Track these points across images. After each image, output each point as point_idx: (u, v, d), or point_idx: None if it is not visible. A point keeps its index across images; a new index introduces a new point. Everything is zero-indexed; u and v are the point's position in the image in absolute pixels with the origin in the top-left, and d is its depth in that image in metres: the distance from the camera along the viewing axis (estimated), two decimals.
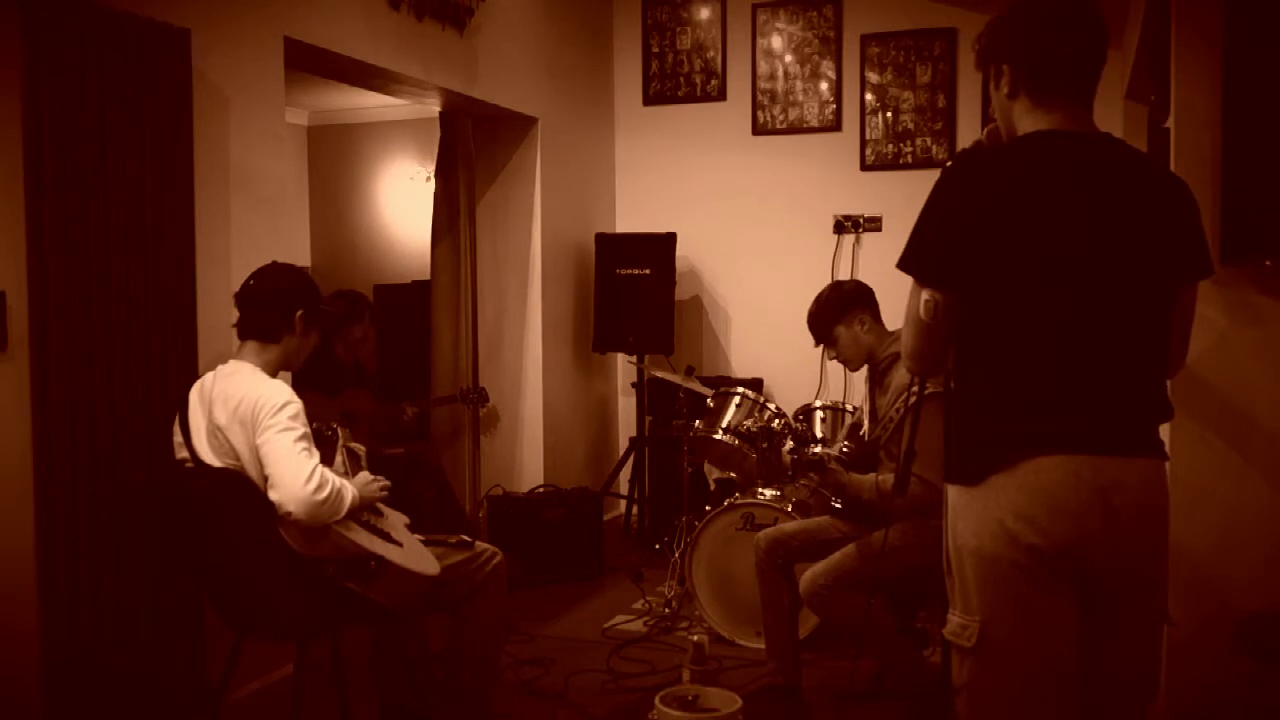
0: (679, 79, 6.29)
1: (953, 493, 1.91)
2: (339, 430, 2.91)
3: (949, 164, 1.97)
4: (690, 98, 6.27)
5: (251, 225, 3.55)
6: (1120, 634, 1.87)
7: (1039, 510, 1.79)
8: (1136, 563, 1.85)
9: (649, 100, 6.36)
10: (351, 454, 2.91)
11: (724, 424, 4.32)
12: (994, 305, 1.85)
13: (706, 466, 5.36)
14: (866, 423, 3.64)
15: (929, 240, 1.89)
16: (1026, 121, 1.93)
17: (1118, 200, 1.85)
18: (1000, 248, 1.83)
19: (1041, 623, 1.82)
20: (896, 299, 2.04)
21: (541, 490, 5.34)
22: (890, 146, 5.88)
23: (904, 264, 1.92)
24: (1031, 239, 1.82)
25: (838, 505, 3.56)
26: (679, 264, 5.87)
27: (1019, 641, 1.83)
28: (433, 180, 5.91)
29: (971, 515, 1.86)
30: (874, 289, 3.59)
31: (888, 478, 3.23)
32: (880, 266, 5.66)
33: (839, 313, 3.49)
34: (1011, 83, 1.94)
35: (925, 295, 1.88)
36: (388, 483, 2.87)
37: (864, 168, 5.93)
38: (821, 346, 3.60)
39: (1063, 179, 1.85)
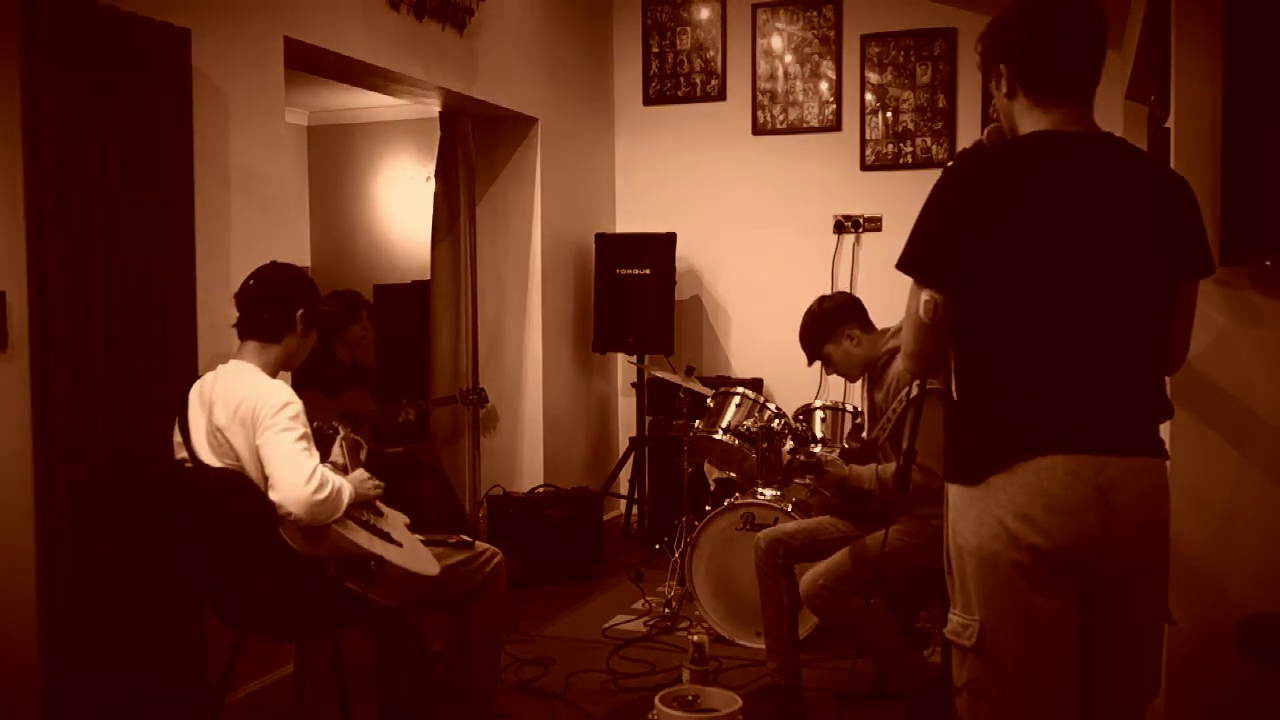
0: (679, 79, 6.29)
1: (953, 492, 1.91)
2: (340, 428, 2.91)
3: (950, 164, 1.98)
4: (690, 98, 6.27)
5: (251, 225, 3.55)
6: (1121, 633, 1.87)
7: (1038, 510, 1.79)
8: (1137, 562, 1.85)
9: (649, 100, 6.36)
10: (352, 446, 2.90)
11: (724, 424, 4.32)
12: (993, 305, 1.85)
13: (706, 466, 5.36)
14: (866, 422, 3.63)
15: (929, 241, 1.88)
16: (1026, 121, 1.93)
17: (1117, 199, 1.85)
18: (999, 247, 1.82)
19: (1041, 622, 1.82)
20: (898, 299, 2.03)
21: (541, 490, 5.34)
22: (890, 146, 5.88)
23: (903, 265, 1.91)
24: (1030, 238, 1.82)
25: (826, 492, 3.54)
26: (679, 264, 5.87)
27: (1018, 641, 1.83)
28: (433, 180, 5.91)
29: (972, 515, 1.86)
30: (874, 289, 3.58)
31: (888, 466, 3.23)
32: (880, 266, 5.65)
33: (827, 333, 3.45)
34: (1009, 83, 1.94)
35: (925, 296, 1.88)
36: (381, 483, 2.87)
37: (864, 168, 5.93)
38: (817, 363, 3.58)
39: (1061, 178, 1.85)
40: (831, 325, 3.44)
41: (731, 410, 4.34)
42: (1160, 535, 1.89)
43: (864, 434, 3.78)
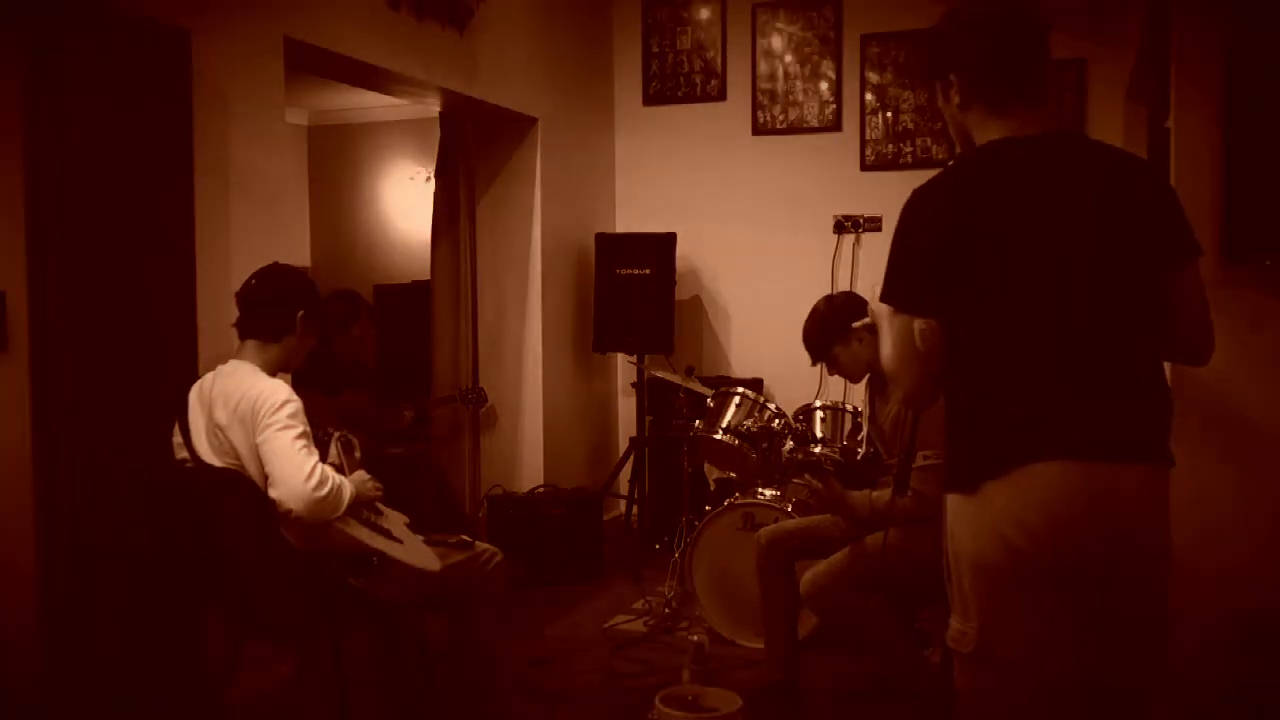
0: (679, 79, 6.28)
1: (951, 501, 1.89)
2: (333, 430, 2.91)
3: (950, 163, 1.96)
4: (690, 98, 6.26)
5: (251, 225, 3.55)
6: (1122, 641, 1.85)
7: (1034, 516, 1.77)
8: (1135, 570, 1.83)
9: (649, 100, 6.35)
10: (346, 446, 2.90)
11: (724, 424, 4.32)
12: (980, 316, 1.82)
13: (706, 466, 5.36)
14: (866, 427, 3.62)
15: (912, 269, 1.85)
16: (983, 130, 1.90)
17: (1088, 196, 1.82)
18: (979, 258, 1.80)
19: (1038, 630, 1.80)
20: None
21: (541, 490, 5.34)
22: (890, 146, 5.88)
23: (890, 298, 1.88)
24: (1008, 247, 1.80)
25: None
26: (679, 264, 5.87)
27: (1015, 648, 1.82)
28: (433, 180, 5.91)
29: (968, 522, 1.84)
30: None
31: (881, 494, 3.23)
32: (880, 266, 5.63)
33: (837, 332, 3.43)
34: (962, 93, 1.91)
35: (920, 325, 1.84)
36: (381, 485, 2.88)
37: (864, 168, 5.92)
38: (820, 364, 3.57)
39: (1029, 182, 1.83)
40: (843, 325, 3.42)
41: (731, 410, 4.34)
42: (1158, 544, 1.86)
43: (861, 437, 3.78)
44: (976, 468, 1.83)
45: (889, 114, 5.87)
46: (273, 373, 2.79)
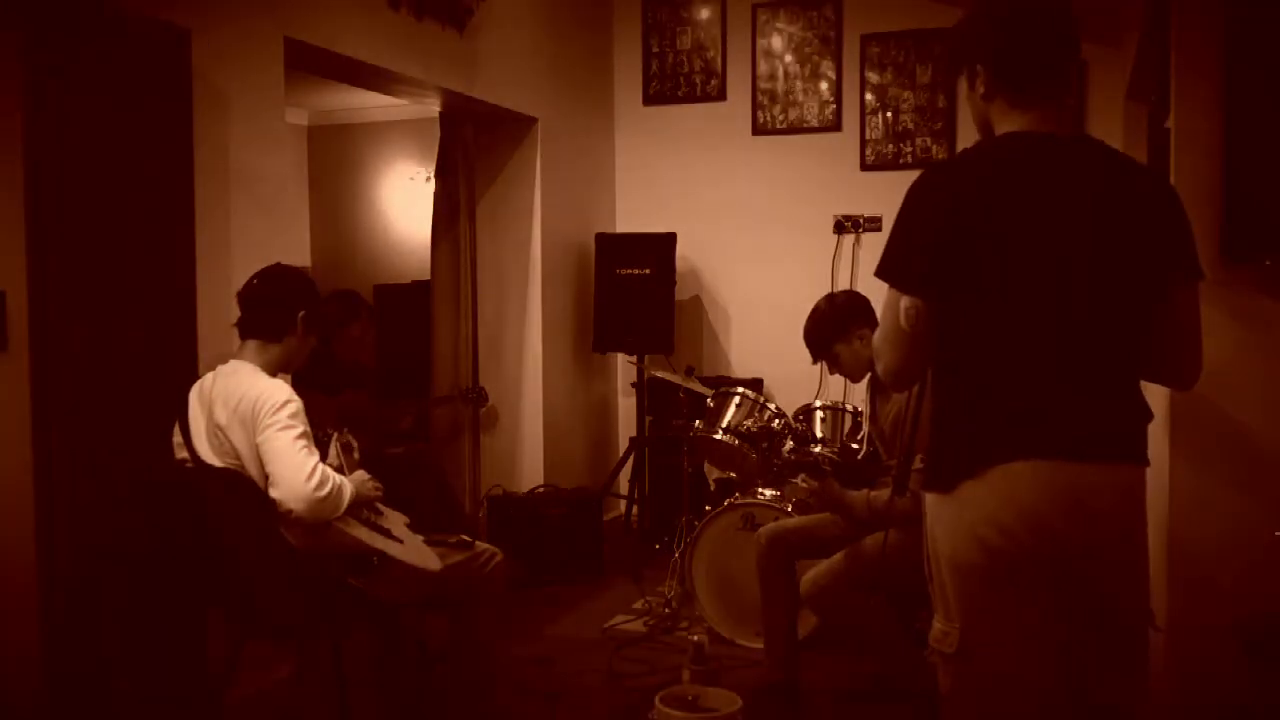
0: (679, 79, 6.28)
1: (929, 500, 1.89)
2: (332, 432, 2.92)
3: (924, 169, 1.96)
4: (690, 98, 6.26)
5: (251, 225, 3.55)
6: (1104, 642, 1.85)
7: (1010, 516, 1.77)
8: (1114, 569, 1.83)
9: (649, 100, 6.35)
10: (345, 447, 2.91)
11: (724, 424, 4.32)
12: (969, 308, 1.82)
13: (706, 466, 5.36)
14: (866, 426, 3.62)
15: (909, 246, 1.85)
16: (1003, 122, 1.91)
17: (1095, 200, 1.82)
18: (978, 250, 1.79)
19: (1018, 629, 1.80)
20: None
21: (541, 490, 5.34)
22: (890, 146, 5.88)
23: (883, 272, 1.88)
24: (1009, 240, 1.79)
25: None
26: (679, 264, 5.87)
27: (997, 648, 1.82)
28: (433, 180, 5.91)
29: (946, 522, 1.84)
30: (873, 289, 3.56)
31: (879, 494, 3.23)
32: None
33: (838, 330, 3.43)
34: (987, 84, 1.91)
35: (906, 303, 1.84)
36: (381, 485, 2.88)
37: (864, 168, 5.93)
38: (821, 362, 3.56)
39: (1038, 179, 1.83)
40: (845, 324, 3.42)
41: (731, 410, 4.34)
42: (1136, 542, 1.86)
43: (862, 435, 3.78)
44: (955, 466, 1.83)
45: (889, 114, 5.87)
46: (273, 373, 2.79)
